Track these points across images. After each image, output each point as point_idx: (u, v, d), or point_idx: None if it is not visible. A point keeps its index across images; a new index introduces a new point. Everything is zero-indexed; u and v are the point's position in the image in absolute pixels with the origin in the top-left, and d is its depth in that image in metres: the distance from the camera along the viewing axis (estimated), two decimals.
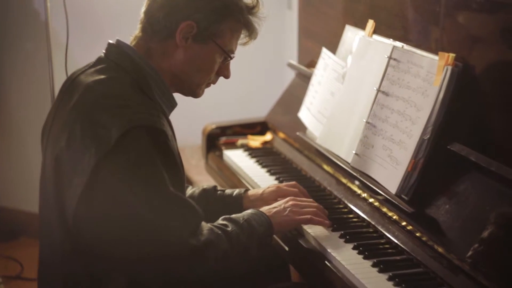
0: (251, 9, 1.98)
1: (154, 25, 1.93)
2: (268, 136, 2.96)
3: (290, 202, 2.08)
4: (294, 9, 3.82)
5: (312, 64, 2.91)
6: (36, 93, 3.90)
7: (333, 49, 2.63)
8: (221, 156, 2.89)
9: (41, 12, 3.66)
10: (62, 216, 1.85)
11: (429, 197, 1.98)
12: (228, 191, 2.23)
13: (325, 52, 2.66)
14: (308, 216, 2.05)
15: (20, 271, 3.68)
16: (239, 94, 4.02)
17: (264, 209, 2.04)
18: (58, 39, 3.17)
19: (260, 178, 2.56)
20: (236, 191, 2.22)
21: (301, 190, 2.22)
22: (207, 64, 1.98)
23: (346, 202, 2.30)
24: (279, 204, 2.07)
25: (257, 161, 2.74)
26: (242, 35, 2.01)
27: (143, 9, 1.97)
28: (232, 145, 2.94)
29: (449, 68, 1.97)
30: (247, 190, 2.24)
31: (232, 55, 2.01)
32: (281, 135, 2.90)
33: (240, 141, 2.94)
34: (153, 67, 1.93)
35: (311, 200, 2.16)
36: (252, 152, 2.84)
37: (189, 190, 2.23)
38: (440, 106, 1.98)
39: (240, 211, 2.02)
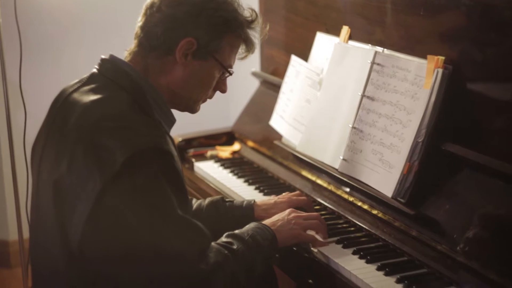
0: (250, 23, 1.97)
1: (152, 40, 1.88)
2: (236, 146, 2.94)
3: (293, 214, 2.07)
4: None
5: (276, 72, 2.92)
6: None
7: (302, 56, 2.64)
8: (191, 168, 2.85)
9: None
10: (66, 243, 1.78)
11: (426, 198, 2.01)
12: (236, 201, 2.21)
13: (295, 60, 2.66)
14: (313, 237, 2.04)
15: None
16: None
17: (268, 222, 2.02)
18: (10, 56, 3.07)
19: (240, 189, 2.54)
20: (245, 201, 2.20)
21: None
22: (206, 80, 1.96)
23: (332, 208, 2.30)
24: (282, 216, 2.06)
25: (232, 171, 2.72)
26: (240, 50, 1.99)
27: (139, 23, 1.92)
28: (201, 157, 2.91)
29: (440, 70, 2.01)
30: (254, 200, 2.22)
31: (231, 70, 1.98)
32: (250, 144, 2.89)
33: (210, 152, 2.91)
34: (152, 84, 1.89)
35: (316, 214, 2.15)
36: (224, 162, 2.81)
37: (195, 203, 2.20)
38: (432, 108, 2.02)
39: (252, 221, 2.00)
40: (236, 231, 1.94)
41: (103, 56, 1.92)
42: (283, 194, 2.28)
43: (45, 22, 3.63)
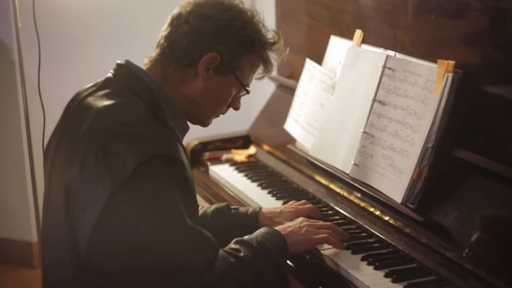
0: (272, 45, 1.97)
1: (176, 50, 1.88)
2: (252, 150, 2.94)
3: (305, 223, 2.06)
4: (268, 21, 3.80)
5: (292, 75, 2.91)
6: (6, 114, 3.80)
7: (316, 60, 2.63)
8: (206, 171, 2.85)
9: (12, 33, 3.56)
10: (74, 246, 1.78)
11: (436, 204, 1.99)
12: (242, 209, 2.20)
13: (309, 63, 2.65)
14: (325, 235, 2.03)
15: None
16: None
17: (279, 228, 2.01)
18: (28, 60, 3.10)
19: (253, 193, 2.54)
20: (251, 209, 2.19)
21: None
22: (223, 96, 1.96)
23: (344, 213, 2.29)
24: (294, 224, 2.05)
25: (246, 175, 2.71)
26: (259, 70, 2.00)
27: (163, 32, 1.92)
28: (217, 160, 2.91)
29: (450, 75, 1.99)
30: (261, 207, 2.21)
31: (248, 89, 1.99)
32: (266, 147, 2.88)
33: (225, 156, 2.91)
34: (167, 92, 1.89)
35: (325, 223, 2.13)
36: (239, 166, 2.81)
37: (200, 210, 2.19)
38: (442, 113, 2.00)
39: (256, 229, 1.98)
40: (245, 237, 1.93)
41: (118, 61, 1.93)
42: (290, 203, 2.28)
43: (63, 25, 3.67)
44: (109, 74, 1.92)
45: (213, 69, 1.89)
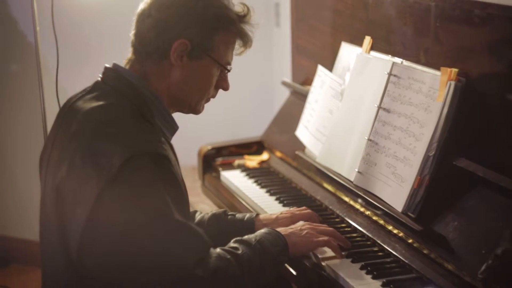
0: (242, 18, 1.95)
1: (146, 46, 1.89)
2: (265, 156, 2.93)
3: (307, 225, 2.05)
4: (283, 26, 3.81)
5: (307, 81, 2.90)
6: (25, 118, 3.86)
7: (329, 66, 2.62)
8: (218, 177, 2.85)
9: (30, 35, 3.62)
10: (65, 249, 1.80)
11: (436, 214, 1.96)
12: (239, 215, 2.19)
13: (321, 70, 2.64)
14: (326, 238, 2.02)
15: None
16: (233, 114, 4.00)
17: (280, 229, 2.00)
18: (48, 62, 3.14)
19: (260, 199, 2.53)
20: (247, 215, 2.18)
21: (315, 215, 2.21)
22: (205, 80, 1.95)
23: (349, 221, 2.27)
24: (295, 226, 2.05)
25: (256, 181, 2.71)
26: (236, 45, 1.98)
27: (132, 31, 1.94)
28: (229, 166, 2.91)
29: (452, 83, 1.96)
30: (258, 214, 2.20)
31: (229, 67, 1.97)
32: (278, 154, 2.87)
33: (237, 162, 2.91)
34: (152, 91, 1.89)
35: (325, 225, 2.12)
36: (250, 172, 2.81)
37: (198, 216, 2.19)
38: (444, 121, 1.97)
39: None
40: (245, 237, 1.93)
41: (106, 65, 1.94)
42: (287, 209, 2.26)
43: (82, 28, 3.70)
44: (98, 78, 1.94)
45: (186, 56, 1.89)
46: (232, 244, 1.90)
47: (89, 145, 1.78)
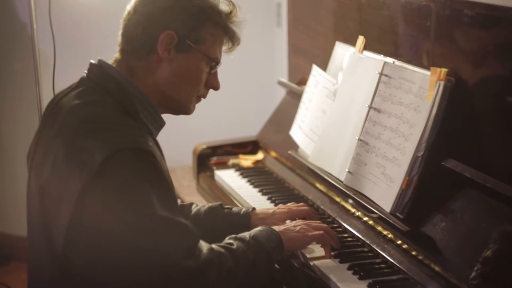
0: (228, 15, 1.95)
1: (133, 43, 1.88)
2: (259, 155, 2.92)
3: (300, 222, 2.05)
4: (284, 26, 3.80)
5: (302, 81, 2.89)
6: (23, 114, 3.86)
7: (324, 66, 2.61)
8: (212, 176, 2.85)
9: (27, 32, 3.63)
10: (50, 244, 1.79)
11: (424, 215, 1.95)
12: (235, 209, 2.19)
13: (315, 69, 2.63)
14: (321, 232, 2.01)
15: None
16: (229, 113, 3.99)
17: (274, 227, 2.00)
18: (45, 59, 3.14)
19: (252, 199, 2.52)
20: (244, 209, 2.18)
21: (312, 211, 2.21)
22: (194, 74, 1.93)
23: (340, 221, 2.26)
24: (289, 224, 2.05)
25: (249, 181, 2.70)
26: (224, 41, 1.97)
27: (120, 32, 1.93)
28: (223, 165, 2.90)
29: (442, 83, 1.95)
30: (254, 208, 2.19)
31: (218, 62, 1.96)
32: (273, 154, 2.86)
33: (232, 161, 2.90)
34: (137, 86, 1.88)
35: (319, 222, 2.12)
36: (244, 171, 2.80)
37: (194, 208, 2.19)
38: (433, 122, 1.96)
39: (248, 229, 1.97)
40: (239, 234, 1.93)
41: (92, 61, 1.94)
42: (287, 204, 2.25)
43: (79, 26, 3.70)
44: (84, 74, 1.93)
45: (174, 49, 1.88)
46: (226, 240, 1.90)
47: (72, 141, 1.77)
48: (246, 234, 1.92)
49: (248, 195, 2.56)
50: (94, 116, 1.81)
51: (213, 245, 1.84)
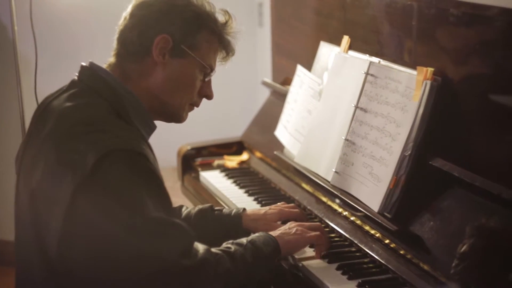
0: (224, 25, 1.95)
1: (128, 46, 1.88)
2: (244, 156, 2.91)
3: (294, 224, 2.05)
4: (266, 26, 3.80)
5: (287, 81, 2.89)
6: (5, 117, 3.83)
7: (308, 65, 2.61)
8: (197, 177, 2.84)
9: (8, 34, 3.60)
10: (42, 249, 1.77)
11: (412, 214, 1.95)
12: (226, 210, 2.18)
13: (300, 69, 2.63)
14: (318, 233, 2.02)
15: None
16: (213, 114, 3.98)
17: (270, 232, 1.99)
18: (26, 61, 3.11)
19: (238, 200, 2.52)
20: (234, 210, 2.18)
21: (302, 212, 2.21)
22: (187, 80, 1.92)
23: (327, 221, 2.25)
24: (284, 227, 2.04)
25: (235, 181, 2.69)
26: (219, 50, 1.97)
27: (115, 37, 1.92)
28: (208, 166, 2.89)
29: (428, 82, 1.95)
30: (245, 209, 2.19)
31: (212, 69, 1.95)
32: (258, 154, 2.86)
33: (217, 162, 2.89)
34: (129, 89, 1.87)
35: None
36: (229, 172, 2.79)
37: (185, 211, 2.18)
38: (420, 121, 1.96)
39: (239, 231, 1.98)
40: (237, 240, 1.92)
41: (83, 64, 1.92)
42: (277, 204, 2.25)
43: (61, 28, 3.68)
44: (75, 77, 1.92)
45: (168, 53, 1.87)
46: (224, 244, 1.90)
47: (64, 144, 1.76)
48: (243, 239, 1.92)
49: (234, 196, 2.56)
50: (87, 119, 1.79)
51: (213, 249, 1.84)
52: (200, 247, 1.81)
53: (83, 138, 1.75)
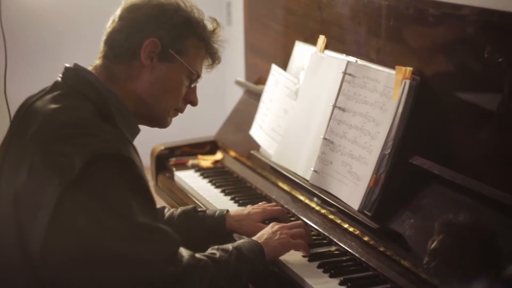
0: (212, 32, 1.96)
1: (116, 48, 1.87)
2: (218, 155, 2.91)
3: (276, 226, 2.05)
4: (235, 25, 3.80)
5: (260, 81, 2.89)
6: None
7: (282, 65, 2.62)
8: (172, 177, 2.83)
9: None
10: (26, 255, 1.74)
11: (393, 212, 1.97)
12: (209, 211, 2.18)
13: (275, 69, 2.64)
14: (302, 242, 2.03)
15: None
16: (185, 114, 3.95)
17: (255, 238, 2.00)
18: None
19: (215, 199, 2.51)
20: (218, 211, 2.18)
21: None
22: (174, 85, 1.92)
23: (305, 219, 2.26)
24: (267, 231, 2.04)
25: (210, 181, 2.69)
26: (205, 57, 1.97)
27: (103, 38, 1.91)
28: (182, 166, 2.88)
29: (407, 82, 1.98)
30: (228, 210, 2.19)
31: (199, 75, 1.96)
32: (232, 153, 2.86)
33: (191, 161, 2.88)
34: (114, 92, 1.86)
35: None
36: (204, 172, 2.79)
37: (167, 212, 2.17)
38: (399, 120, 1.98)
39: (223, 232, 1.98)
40: (223, 245, 1.92)
41: (67, 65, 1.90)
42: (259, 204, 2.26)
43: (31, 26, 3.64)
44: (58, 78, 1.90)
45: (156, 57, 1.87)
46: (209, 250, 1.90)
47: (49, 147, 1.73)
48: (228, 245, 1.92)
49: (210, 196, 2.55)
50: (73, 122, 1.77)
51: (198, 255, 1.83)
52: (185, 253, 1.80)
53: (70, 141, 1.73)
